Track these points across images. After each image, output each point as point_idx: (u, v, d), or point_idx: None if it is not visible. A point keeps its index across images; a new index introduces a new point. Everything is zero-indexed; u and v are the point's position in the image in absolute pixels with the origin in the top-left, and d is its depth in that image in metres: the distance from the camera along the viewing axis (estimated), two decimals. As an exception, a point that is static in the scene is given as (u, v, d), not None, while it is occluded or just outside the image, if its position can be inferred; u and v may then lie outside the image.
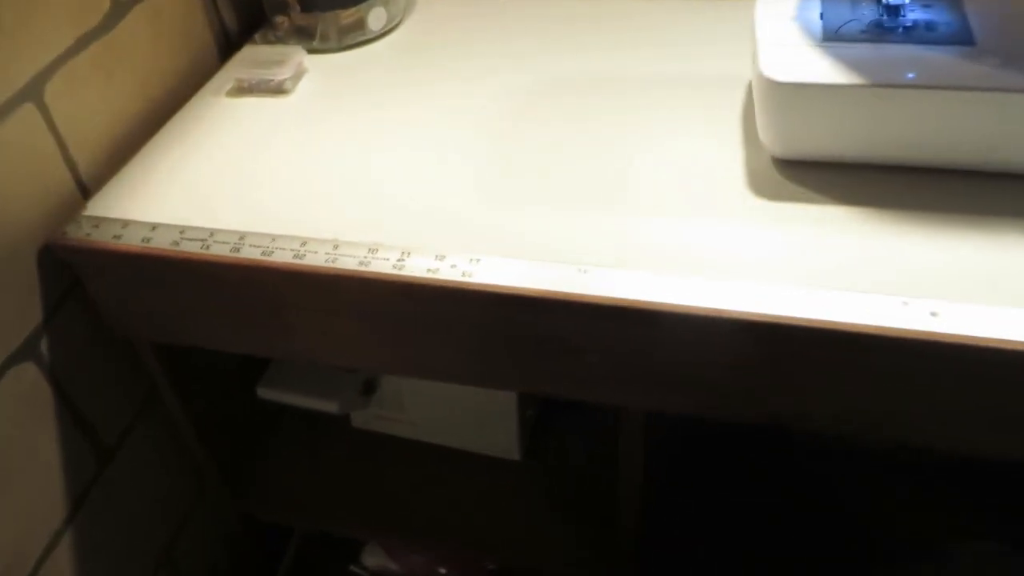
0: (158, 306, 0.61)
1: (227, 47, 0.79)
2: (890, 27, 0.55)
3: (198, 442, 0.75)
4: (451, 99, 0.68)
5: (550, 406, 0.87)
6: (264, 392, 0.81)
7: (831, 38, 0.55)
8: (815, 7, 0.58)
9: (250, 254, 0.55)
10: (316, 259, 0.54)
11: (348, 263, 0.53)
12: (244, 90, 0.71)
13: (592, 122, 0.64)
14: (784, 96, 0.53)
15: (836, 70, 0.52)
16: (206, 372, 0.75)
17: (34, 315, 0.60)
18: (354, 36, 0.77)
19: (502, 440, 0.83)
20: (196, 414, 0.73)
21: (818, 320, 0.46)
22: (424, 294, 0.52)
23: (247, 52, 0.74)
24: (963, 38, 0.53)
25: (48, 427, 0.62)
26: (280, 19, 0.77)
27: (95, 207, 0.60)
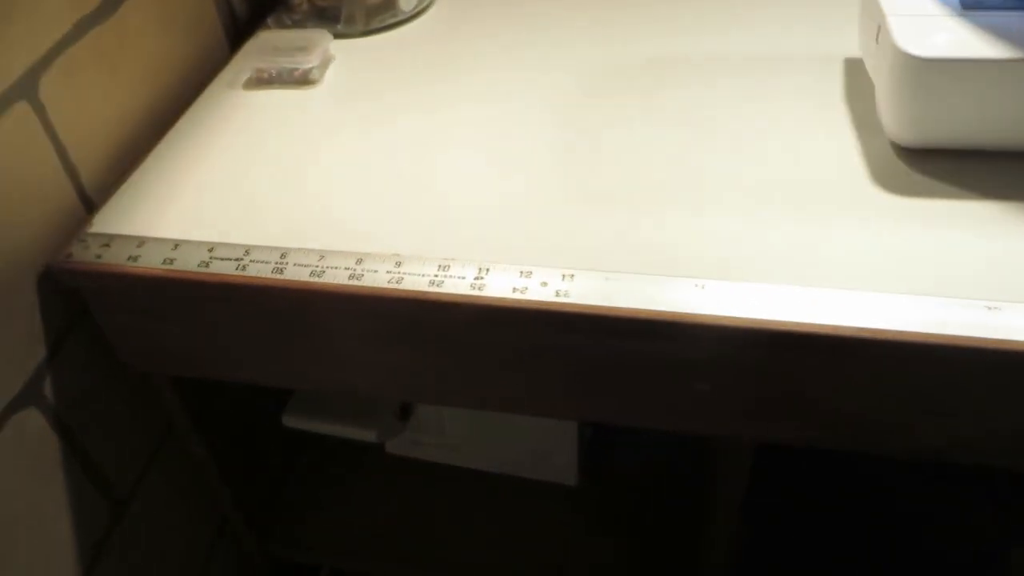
0: (182, 337, 0.52)
1: (236, 33, 0.70)
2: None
3: (221, 483, 0.66)
4: (502, 90, 0.60)
5: (600, 424, 0.79)
6: (290, 420, 0.72)
7: (972, 6, 0.47)
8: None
9: (296, 275, 0.46)
10: (376, 279, 0.46)
11: (415, 283, 0.45)
12: (264, 81, 0.62)
13: (668, 112, 0.56)
14: (925, 74, 0.45)
15: (984, 42, 0.45)
16: (227, 404, 0.66)
17: (35, 352, 0.51)
18: (383, 18, 0.68)
19: (558, 464, 0.75)
20: (219, 452, 0.64)
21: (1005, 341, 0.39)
22: (510, 319, 0.44)
23: (263, 38, 0.65)
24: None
25: (55, 479, 0.53)
26: (299, 0, 0.68)
27: (102, 222, 0.51)
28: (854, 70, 0.57)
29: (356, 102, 0.60)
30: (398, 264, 0.46)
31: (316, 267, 0.47)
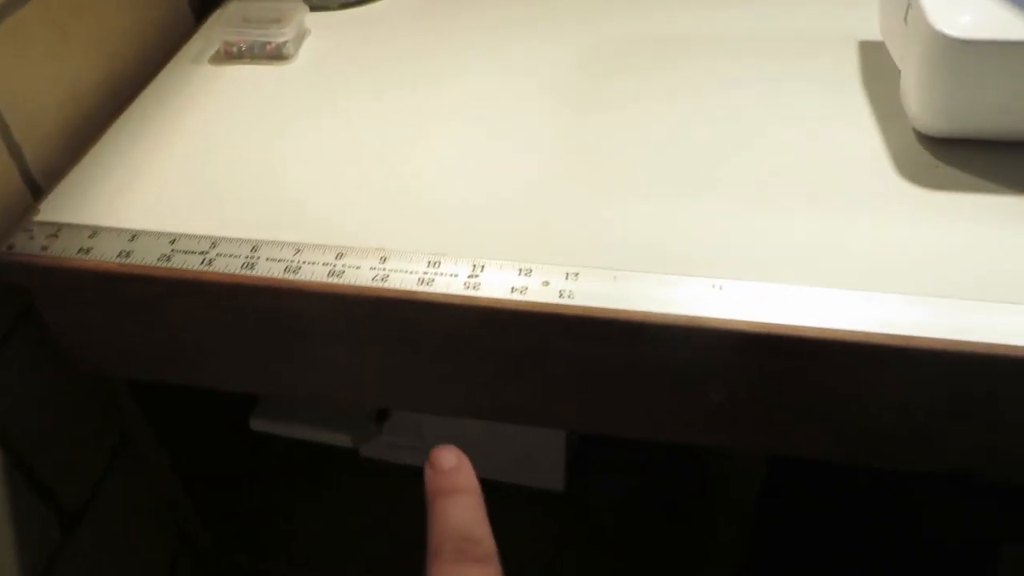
0: (141, 338, 0.47)
1: (202, 3, 0.64)
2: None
3: (184, 493, 0.61)
4: (496, 67, 0.55)
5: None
6: (258, 424, 0.67)
7: (1010, -17, 0.43)
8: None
9: (269, 271, 0.42)
10: (358, 276, 0.41)
11: (402, 281, 0.40)
12: (233, 56, 0.57)
13: (675, 97, 0.52)
14: (961, 57, 0.41)
15: (1025, 23, 0.41)
16: (190, 408, 0.61)
17: (-27, 354, 0.45)
18: (363, -11, 0.63)
19: (544, 468, 0.71)
20: (181, 461, 0.59)
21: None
22: (508, 322, 0.40)
23: (232, 8, 0.59)
24: None
25: (-2, 495, 0.48)
26: (270, -32, 0.62)
27: (51, 210, 0.46)
28: (871, 52, 0.54)
29: (333, 80, 0.55)
30: (383, 259, 0.42)
31: (291, 262, 0.42)
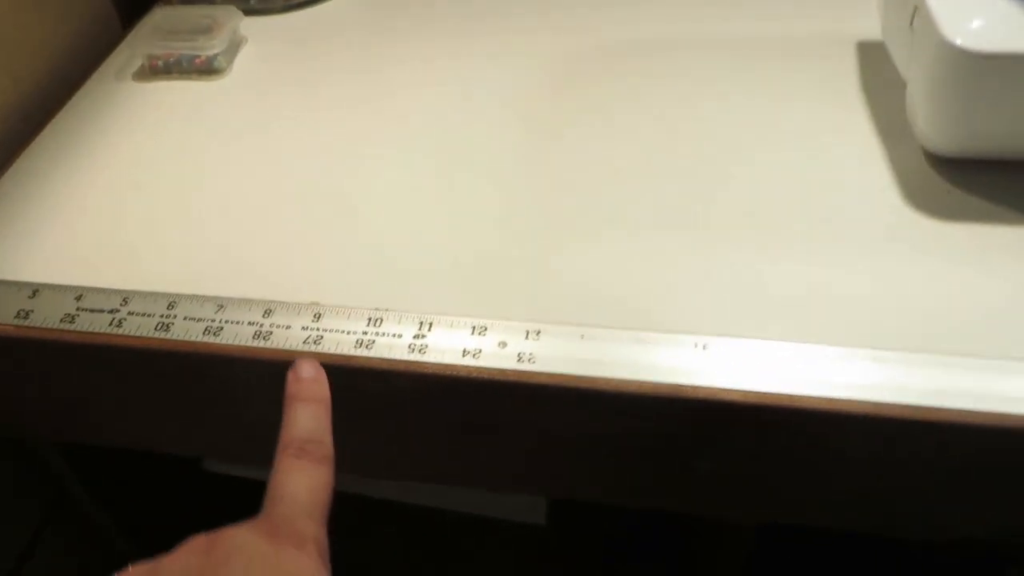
0: (51, 401, 0.42)
1: (129, 8, 0.58)
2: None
3: (132, 549, 0.56)
4: (453, 79, 0.49)
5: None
6: (213, 465, 0.62)
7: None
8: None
9: (186, 333, 0.36)
10: (289, 338, 0.36)
11: (338, 343, 0.35)
12: (159, 71, 0.51)
13: (651, 113, 0.46)
14: (978, 72, 0.36)
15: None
16: (132, 458, 0.55)
17: None
18: (307, -10, 0.57)
19: (525, 500, 0.66)
20: (125, 515, 0.54)
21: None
22: (459, 391, 0.35)
23: (159, 16, 0.53)
24: None
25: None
26: (203, -32, 0.56)
27: (-59, 261, 0.40)
28: (871, 56, 0.48)
29: (268, 98, 0.49)
30: (316, 317, 0.36)
31: (212, 322, 0.37)
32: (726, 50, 0.50)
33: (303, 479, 0.26)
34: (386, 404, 0.37)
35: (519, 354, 0.34)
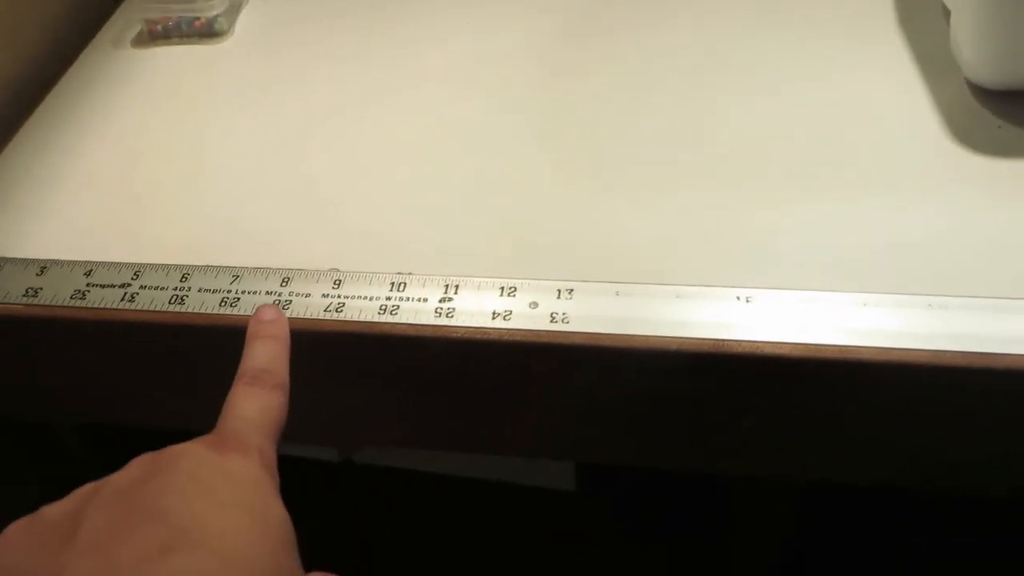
0: (65, 382, 0.41)
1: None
2: None
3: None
4: (467, 32, 0.47)
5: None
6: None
7: None
8: None
9: (201, 304, 0.35)
10: (309, 307, 0.34)
11: (361, 310, 0.33)
12: (158, 36, 0.49)
13: (677, 55, 0.44)
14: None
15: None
16: (152, 439, 0.54)
17: None
18: (308, -55, 0.54)
19: (553, 466, 0.65)
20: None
21: None
22: (490, 354, 0.33)
23: (155, -22, 0.51)
24: None
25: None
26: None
27: (-55, 241, 0.39)
28: (907, -13, 0.45)
29: (275, 58, 0.47)
30: (337, 284, 0.35)
31: (228, 293, 0.35)
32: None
33: (254, 401, 0.27)
34: (413, 371, 0.36)
35: (552, 314, 0.33)
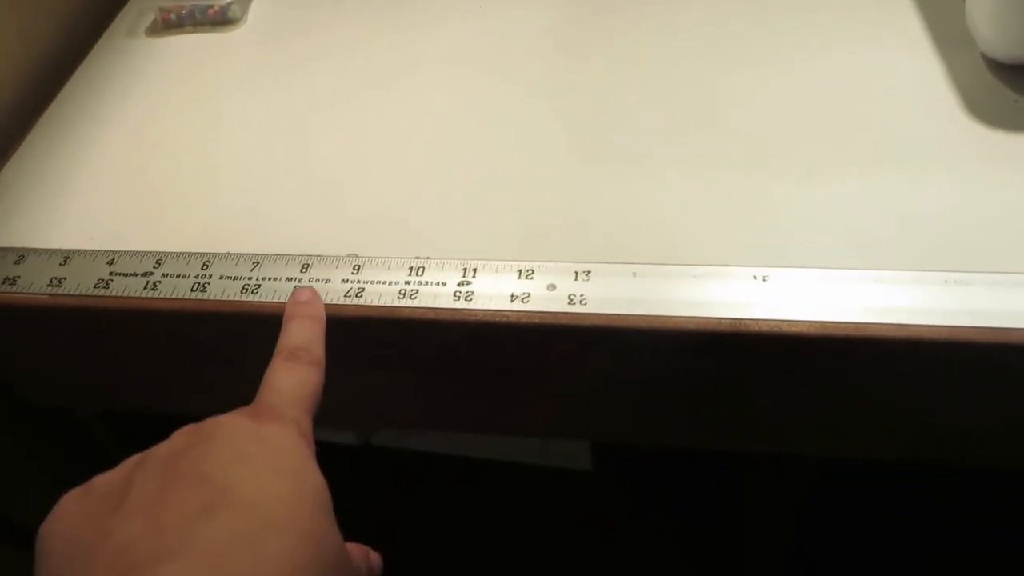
0: (90, 369, 0.41)
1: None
2: None
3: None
4: (483, 15, 0.47)
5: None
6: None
7: None
8: None
9: (223, 292, 0.35)
10: (329, 292, 0.34)
11: (380, 295, 0.34)
12: (171, 24, 0.49)
13: (688, 33, 0.44)
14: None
15: None
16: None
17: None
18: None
19: (570, 447, 0.65)
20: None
21: None
22: (510, 336, 0.33)
23: (167, -33, 0.51)
24: None
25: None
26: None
27: (-32, 233, 0.39)
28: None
29: (289, 45, 0.47)
30: (356, 269, 0.35)
31: (249, 280, 0.35)
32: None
33: (292, 375, 0.27)
34: (432, 354, 0.36)
35: (570, 296, 0.33)
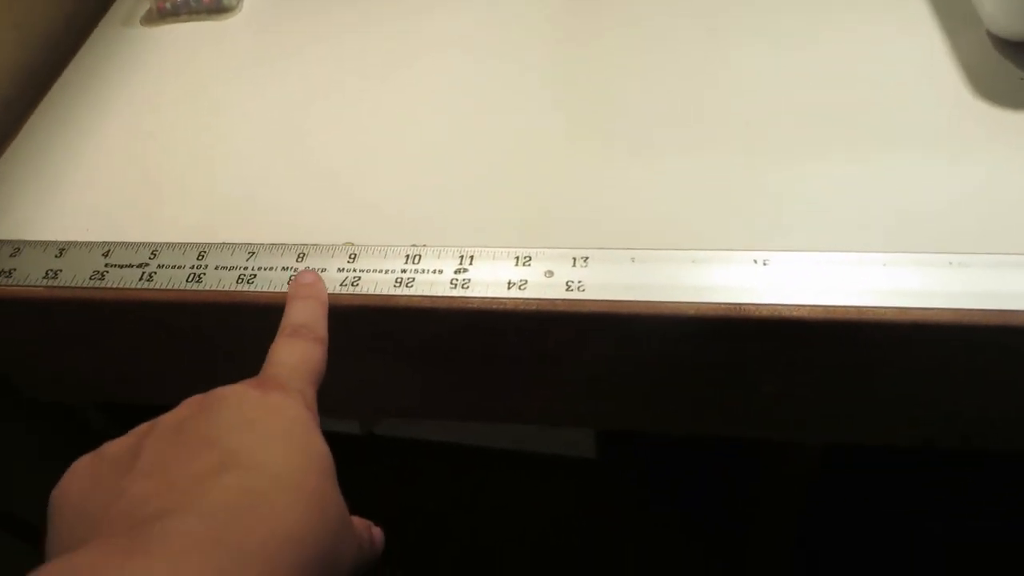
0: (88, 361, 0.41)
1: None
2: None
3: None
4: (476, 5, 0.47)
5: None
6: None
7: None
8: None
9: (219, 282, 0.35)
10: (326, 281, 0.34)
11: (376, 283, 0.33)
12: (167, 13, 0.48)
13: (691, 13, 0.43)
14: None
15: None
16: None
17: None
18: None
19: (574, 434, 0.65)
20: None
21: None
22: (508, 324, 0.33)
23: (162, -45, 0.51)
24: None
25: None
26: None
27: (-35, 225, 0.39)
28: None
29: (285, 32, 0.47)
30: (352, 258, 0.35)
31: (245, 270, 0.35)
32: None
33: (295, 350, 0.28)
34: (430, 343, 0.36)
35: (567, 282, 0.32)
